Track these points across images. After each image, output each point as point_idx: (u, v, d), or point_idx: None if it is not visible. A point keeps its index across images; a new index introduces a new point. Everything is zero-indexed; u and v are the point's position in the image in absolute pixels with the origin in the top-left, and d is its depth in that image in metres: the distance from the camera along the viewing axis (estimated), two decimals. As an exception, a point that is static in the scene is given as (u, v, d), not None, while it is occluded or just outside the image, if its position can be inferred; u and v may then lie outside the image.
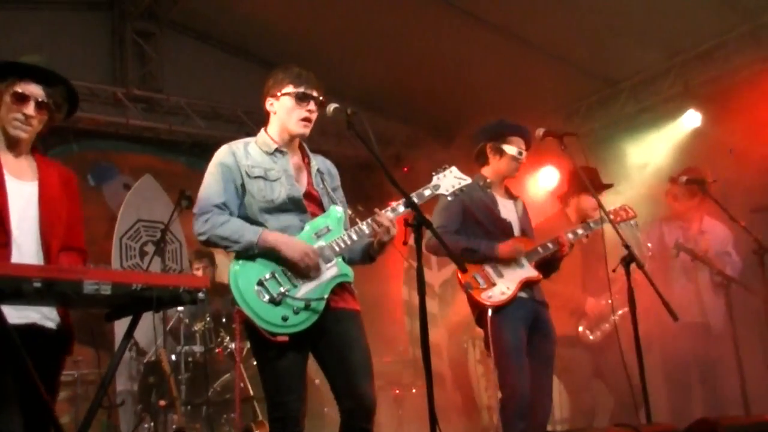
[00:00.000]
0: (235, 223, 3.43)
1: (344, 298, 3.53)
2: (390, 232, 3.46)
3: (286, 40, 7.70)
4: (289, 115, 3.58)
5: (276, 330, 3.31)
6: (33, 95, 3.13)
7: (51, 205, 3.19)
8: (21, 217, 3.09)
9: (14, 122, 3.12)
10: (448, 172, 3.75)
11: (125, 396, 6.54)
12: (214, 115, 8.30)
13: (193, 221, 3.49)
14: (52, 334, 3.11)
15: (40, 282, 2.57)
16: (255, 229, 3.40)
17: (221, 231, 3.40)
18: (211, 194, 3.49)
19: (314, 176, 3.67)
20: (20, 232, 3.06)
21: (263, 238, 3.37)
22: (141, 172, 8.01)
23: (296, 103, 3.56)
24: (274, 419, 3.42)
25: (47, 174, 3.25)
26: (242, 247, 3.38)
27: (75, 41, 7.51)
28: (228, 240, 3.40)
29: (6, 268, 2.58)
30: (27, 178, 3.19)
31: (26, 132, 3.15)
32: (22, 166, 3.20)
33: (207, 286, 3.08)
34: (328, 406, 6.08)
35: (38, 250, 3.11)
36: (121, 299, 2.87)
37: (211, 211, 3.44)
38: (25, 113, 3.11)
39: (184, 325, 6.37)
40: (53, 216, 3.18)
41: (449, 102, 8.44)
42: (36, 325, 3.04)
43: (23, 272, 2.58)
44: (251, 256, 3.40)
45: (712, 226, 5.79)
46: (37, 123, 3.17)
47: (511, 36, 7.46)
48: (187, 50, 8.34)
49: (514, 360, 4.30)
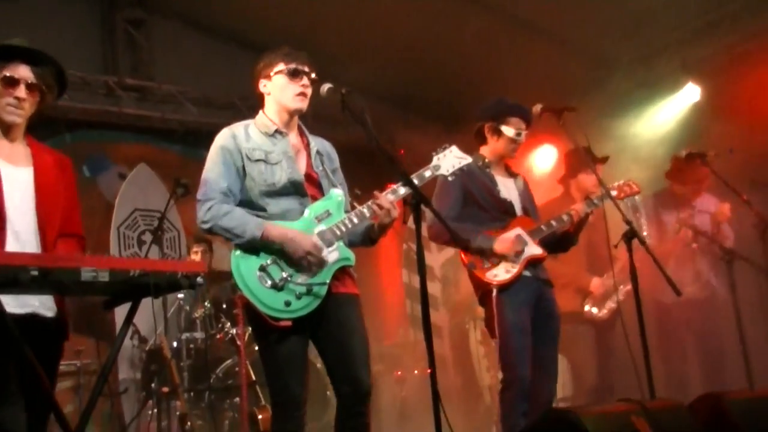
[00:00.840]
0: (238, 214, 3.41)
1: (344, 283, 3.53)
2: (391, 214, 3.45)
3: (278, 25, 7.64)
4: (284, 91, 3.57)
5: (279, 315, 3.30)
6: (23, 78, 3.08)
7: (47, 190, 3.16)
8: (17, 203, 3.06)
9: (7, 107, 3.07)
10: (448, 151, 3.71)
11: (128, 384, 6.55)
12: (207, 102, 8.24)
13: (197, 207, 3.47)
14: (51, 322, 3.09)
15: (37, 270, 2.56)
16: (258, 222, 3.38)
17: (224, 222, 3.38)
18: (214, 178, 3.46)
19: (314, 158, 3.65)
20: (17, 219, 3.03)
21: (266, 234, 3.35)
22: (135, 161, 7.98)
23: (289, 80, 3.56)
24: (276, 403, 3.43)
25: (42, 160, 3.21)
26: (245, 242, 3.37)
27: (65, 30, 7.44)
28: (231, 232, 3.38)
29: (1, 257, 2.56)
30: (22, 164, 3.15)
31: (20, 116, 3.11)
32: (17, 152, 3.16)
33: (205, 270, 3.06)
34: (330, 390, 6.08)
35: (35, 236, 3.08)
36: (120, 286, 2.86)
37: (215, 198, 3.42)
38: (17, 96, 3.07)
39: (185, 312, 6.37)
40: (50, 202, 3.16)
41: (444, 84, 8.40)
42: (35, 315, 3.02)
43: (19, 261, 2.57)
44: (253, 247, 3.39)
45: (706, 203, 5.77)
46: (29, 106, 3.13)
47: (506, 16, 7.40)
48: (178, 37, 8.26)
49: (516, 340, 4.26)
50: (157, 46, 8.09)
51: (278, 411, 3.42)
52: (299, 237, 3.37)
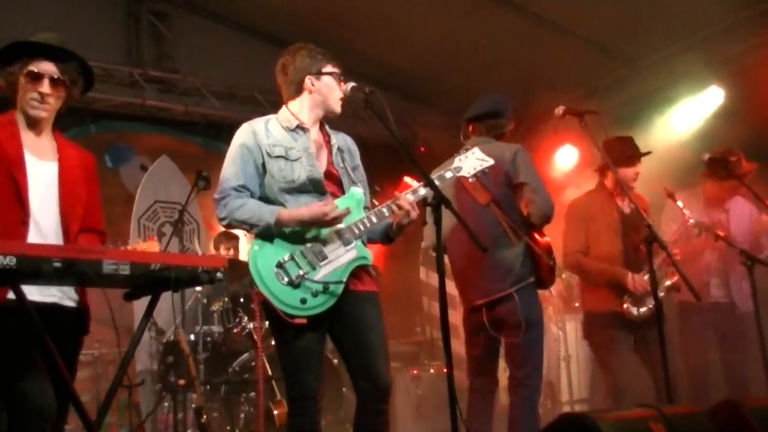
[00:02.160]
0: (252, 205, 3.41)
1: (362, 280, 3.53)
2: (410, 215, 3.44)
3: (300, 19, 7.65)
4: (332, 93, 3.60)
5: (294, 312, 3.30)
6: (47, 73, 3.11)
7: (71, 184, 3.19)
8: (41, 195, 3.09)
9: (32, 102, 3.11)
10: (470, 153, 3.68)
11: (145, 375, 6.58)
12: (230, 95, 8.27)
13: (214, 206, 3.48)
14: (73, 312, 3.12)
15: (60, 262, 2.58)
16: (271, 209, 3.38)
17: (239, 215, 3.39)
18: (229, 177, 3.47)
19: (334, 154, 3.64)
20: (40, 211, 3.06)
21: (279, 219, 3.35)
22: (157, 152, 8.02)
23: (337, 83, 3.59)
24: (293, 399, 3.43)
25: (67, 155, 3.24)
26: (261, 230, 3.38)
27: (91, 22, 7.49)
28: (247, 223, 3.39)
29: (26, 249, 2.57)
30: (47, 158, 3.18)
31: (44, 110, 3.14)
32: (42, 146, 3.19)
33: (225, 266, 3.07)
34: (346, 386, 6.09)
35: (57, 229, 3.11)
36: (140, 279, 2.88)
37: (229, 194, 3.43)
38: (41, 91, 3.10)
39: (202, 305, 6.39)
40: (73, 196, 3.18)
41: (465, 81, 8.36)
42: (57, 305, 3.05)
43: (43, 252, 2.59)
44: (270, 237, 3.39)
45: (737, 205, 5.67)
46: (54, 101, 3.15)
47: (529, 15, 7.37)
48: (201, 30, 8.30)
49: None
50: (181, 38, 8.13)
51: (294, 406, 3.42)
52: (310, 208, 3.37)
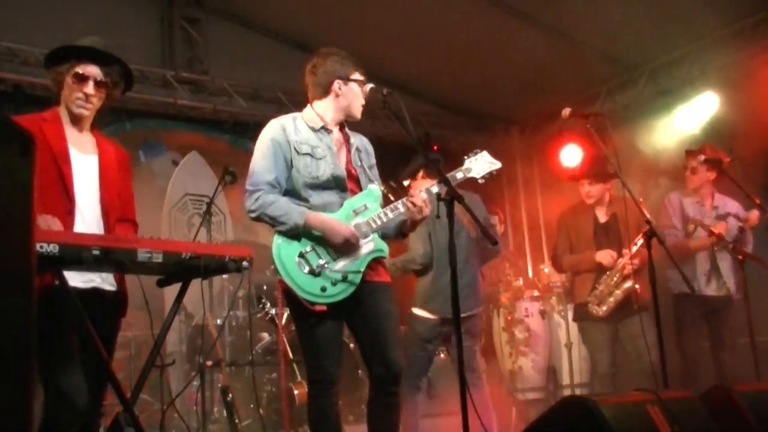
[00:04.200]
0: (283, 203, 3.41)
1: (378, 272, 3.55)
2: (423, 212, 3.45)
3: (322, 24, 7.65)
4: (356, 100, 3.60)
5: (315, 299, 3.31)
6: (92, 75, 3.17)
7: (110, 177, 3.23)
8: (84, 186, 3.13)
9: (77, 101, 3.17)
10: (480, 156, 3.70)
11: (175, 356, 6.61)
12: (256, 96, 8.28)
13: (245, 197, 3.48)
14: (111, 297, 3.16)
15: (99, 250, 2.61)
16: (300, 211, 3.38)
17: (270, 211, 3.39)
18: (262, 170, 3.46)
19: (353, 154, 3.65)
20: (83, 201, 3.11)
21: (308, 222, 3.36)
22: (188, 148, 8.03)
23: (362, 91, 3.58)
24: (313, 381, 3.45)
25: (105, 150, 3.30)
26: (288, 228, 3.38)
27: (128, 27, 7.51)
28: (276, 220, 3.40)
29: (68, 237, 2.62)
30: (89, 152, 3.24)
31: (88, 109, 3.21)
32: (84, 141, 3.24)
33: (251, 255, 3.08)
34: (361, 369, 6.09)
35: (99, 218, 3.15)
36: (172, 267, 2.91)
37: (262, 189, 3.42)
38: (86, 92, 3.16)
39: (229, 291, 6.41)
40: (112, 187, 3.23)
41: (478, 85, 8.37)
42: (97, 289, 3.08)
43: (83, 241, 2.63)
44: (296, 236, 3.40)
45: (723, 201, 5.67)
46: (97, 101, 3.22)
47: (536, 23, 7.34)
48: (230, 35, 8.31)
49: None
50: (211, 42, 8.14)
51: (314, 387, 3.45)
52: (338, 225, 3.38)
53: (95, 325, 2.76)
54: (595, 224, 5.50)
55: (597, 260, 5.31)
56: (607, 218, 5.49)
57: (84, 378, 2.90)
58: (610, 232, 5.42)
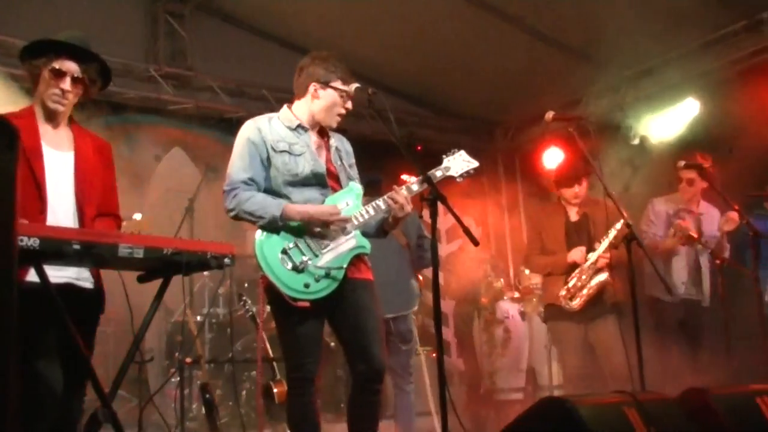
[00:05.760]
0: (259, 198, 3.41)
1: (359, 269, 3.54)
2: (404, 209, 3.44)
3: (307, 22, 7.64)
4: (331, 109, 3.56)
5: (298, 296, 3.31)
6: (69, 71, 3.13)
7: (86, 173, 3.19)
8: (57, 184, 3.09)
9: (53, 96, 3.13)
10: (458, 155, 3.71)
11: (153, 352, 6.58)
12: (240, 92, 8.25)
13: (223, 198, 3.47)
14: (89, 293, 3.13)
15: (79, 244, 2.59)
16: (278, 203, 3.38)
17: (247, 206, 3.39)
18: (237, 170, 3.46)
19: (333, 153, 3.64)
20: (56, 199, 3.07)
21: (286, 213, 3.36)
22: (171, 144, 7.99)
23: (341, 101, 3.55)
24: (293, 379, 3.44)
25: (83, 144, 3.26)
26: (267, 222, 3.37)
27: (112, 21, 7.45)
28: (254, 215, 3.38)
29: (49, 231, 2.59)
30: (64, 149, 3.19)
31: (63, 105, 3.17)
32: (59, 137, 3.20)
33: (233, 252, 3.07)
34: (340, 369, 6.10)
35: (73, 215, 3.12)
36: (153, 263, 2.89)
37: (238, 187, 3.42)
38: (62, 88, 3.13)
39: (209, 288, 6.39)
40: (88, 184, 3.19)
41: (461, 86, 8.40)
42: (72, 284, 3.05)
43: (64, 235, 2.61)
44: (276, 230, 3.39)
45: (708, 209, 5.73)
46: (73, 97, 3.19)
47: (520, 26, 7.39)
48: (215, 31, 8.27)
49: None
50: (196, 38, 8.10)
51: (293, 386, 3.43)
52: (318, 207, 3.40)
53: (74, 321, 2.74)
54: (566, 223, 5.51)
55: (569, 260, 5.30)
56: (579, 217, 5.49)
57: (59, 367, 2.88)
58: (581, 231, 5.41)
